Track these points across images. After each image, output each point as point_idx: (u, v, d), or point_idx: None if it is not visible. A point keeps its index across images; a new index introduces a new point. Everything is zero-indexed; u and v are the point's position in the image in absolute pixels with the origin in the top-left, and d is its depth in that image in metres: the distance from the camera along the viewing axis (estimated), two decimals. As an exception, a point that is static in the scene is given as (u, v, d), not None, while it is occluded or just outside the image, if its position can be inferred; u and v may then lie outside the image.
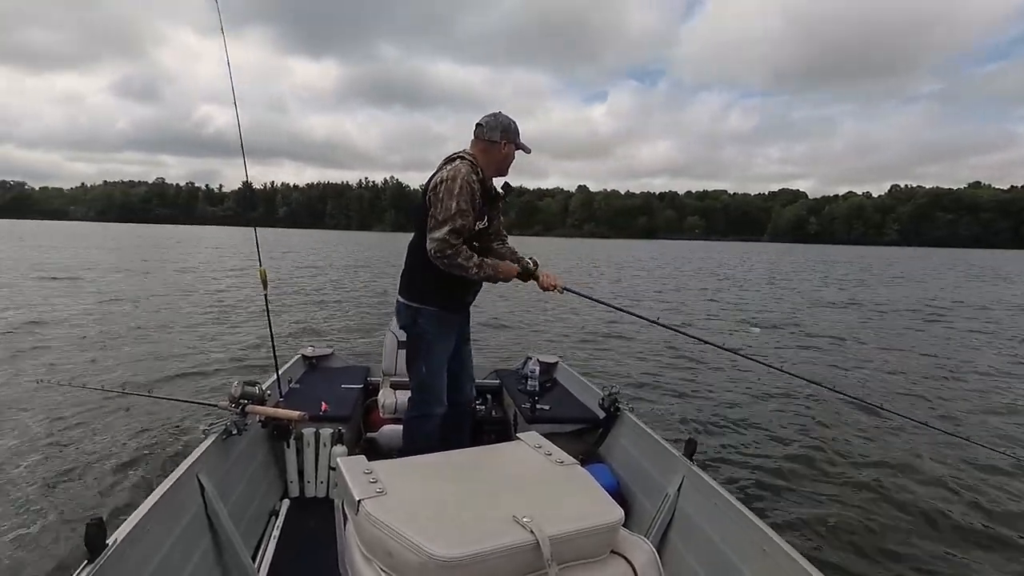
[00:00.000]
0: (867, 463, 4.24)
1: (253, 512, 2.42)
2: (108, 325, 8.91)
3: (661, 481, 2.38)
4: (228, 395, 2.39)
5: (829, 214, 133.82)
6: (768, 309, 13.54)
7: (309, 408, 2.57)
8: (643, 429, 2.70)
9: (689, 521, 2.14)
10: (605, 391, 3.03)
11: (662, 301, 14.98)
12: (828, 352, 8.56)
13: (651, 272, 26.77)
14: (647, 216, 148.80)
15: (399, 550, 1.12)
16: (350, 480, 1.31)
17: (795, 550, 1.63)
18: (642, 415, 2.93)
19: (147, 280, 16.09)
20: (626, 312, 2.94)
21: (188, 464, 1.97)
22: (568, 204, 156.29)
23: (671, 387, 6.21)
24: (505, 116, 2.45)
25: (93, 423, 4.60)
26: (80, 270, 18.20)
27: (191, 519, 1.89)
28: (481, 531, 1.16)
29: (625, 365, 7.26)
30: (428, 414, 2.56)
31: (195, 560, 1.85)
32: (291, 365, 3.64)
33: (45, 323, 8.82)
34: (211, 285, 15.22)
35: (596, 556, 1.24)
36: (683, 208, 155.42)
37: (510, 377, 3.76)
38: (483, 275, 2.40)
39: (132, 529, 1.54)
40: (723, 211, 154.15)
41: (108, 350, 7.31)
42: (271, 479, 2.73)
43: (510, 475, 1.43)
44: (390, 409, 3.20)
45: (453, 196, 2.26)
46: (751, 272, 28.33)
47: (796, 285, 20.98)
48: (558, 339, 8.95)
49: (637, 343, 8.61)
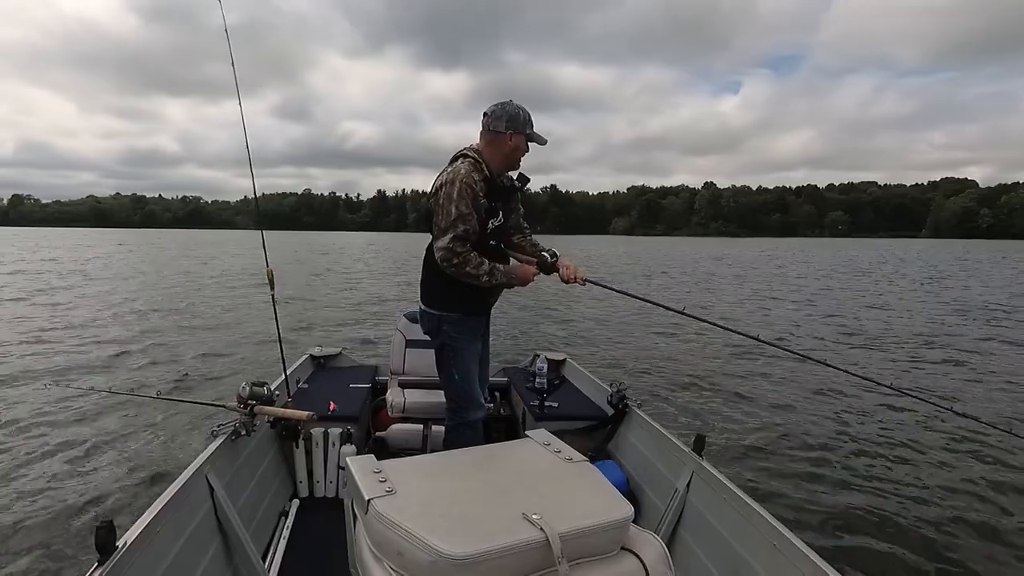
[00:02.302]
0: (879, 457, 4.21)
1: (262, 513, 2.43)
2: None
3: (670, 477, 2.37)
4: (236, 396, 2.40)
5: (1006, 205, 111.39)
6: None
7: (317, 408, 2.56)
8: (652, 425, 2.69)
9: (699, 516, 2.13)
10: (613, 388, 3.02)
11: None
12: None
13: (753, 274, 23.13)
14: (782, 212, 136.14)
15: (409, 549, 1.12)
16: (359, 479, 1.31)
17: (805, 544, 1.62)
18: (651, 411, 2.92)
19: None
20: (651, 303, 2.73)
21: (197, 465, 1.97)
22: (693, 202, 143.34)
23: (679, 383, 6.19)
24: (515, 105, 2.30)
25: (103, 425, 4.63)
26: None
27: (201, 520, 1.90)
28: (491, 529, 1.15)
29: (634, 361, 7.24)
30: (468, 421, 2.47)
31: (205, 561, 1.85)
32: (299, 365, 3.65)
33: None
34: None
35: (606, 552, 1.23)
36: (824, 203, 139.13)
37: (518, 375, 3.75)
38: (495, 282, 2.28)
39: (142, 531, 1.54)
40: (872, 205, 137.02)
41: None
42: (280, 479, 2.73)
43: (519, 473, 1.43)
44: (398, 408, 3.20)
45: (452, 201, 2.16)
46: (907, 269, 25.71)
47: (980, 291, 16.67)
48: (567, 335, 8.95)
49: (648, 339, 8.60)
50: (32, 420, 4.75)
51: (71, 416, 4.83)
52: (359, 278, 19.20)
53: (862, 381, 6.26)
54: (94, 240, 55.06)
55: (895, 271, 25.04)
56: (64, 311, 10.86)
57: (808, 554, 1.58)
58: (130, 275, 19.01)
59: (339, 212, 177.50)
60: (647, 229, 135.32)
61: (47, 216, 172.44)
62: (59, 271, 20.04)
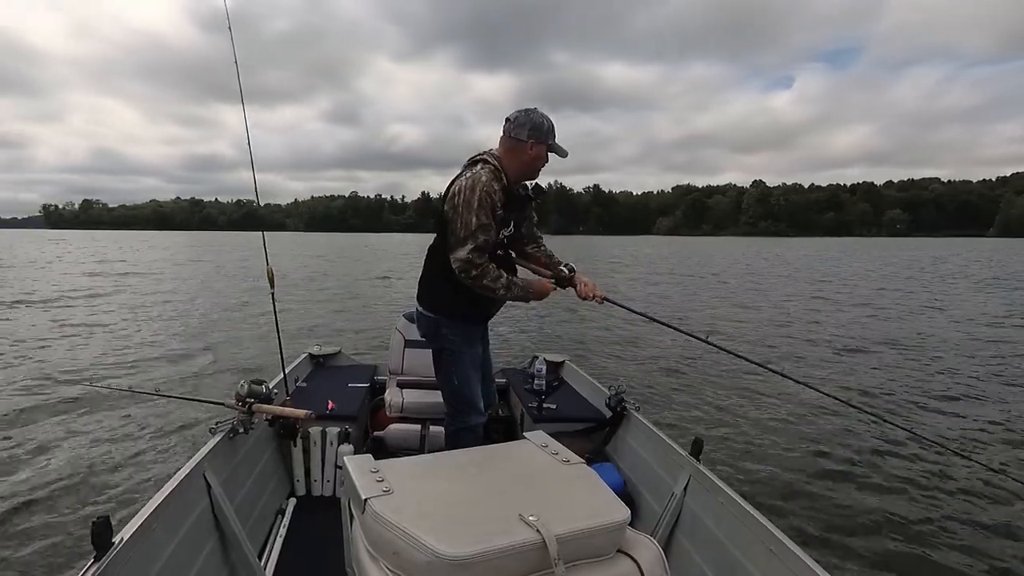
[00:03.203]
0: (875, 465, 4.21)
1: (260, 511, 2.43)
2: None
3: (668, 480, 2.37)
4: (235, 394, 2.40)
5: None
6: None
7: (316, 407, 2.56)
8: (650, 428, 2.68)
9: (695, 520, 2.13)
10: (612, 390, 3.02)
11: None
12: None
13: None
14: (835, 211, 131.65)
15: (406, 549, 1.12)
16: (356, 479, 1.31)
17: (802, 550, 1.62)
18: (649, 415, 2.91)
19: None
20: (673, 328, 2.57)
21: (195, 462, 1.97)
22: (741, 201, 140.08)
23: (678, 387, 6.19)
24: (539, 113, 2.21)
25: (101, 421, 4.63)
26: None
27: (197, 517, 1.90)
28: (488, 530, 1.15)
29: (633, 365, 7.24)
30: (467, 425, 2.42)
31: (201, 558, 1.85)
32: (298, 364, 3.65)
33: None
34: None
35: (603, 555, 1.23)
36: (881, 200, 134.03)
37: (517, 376, 3.75)
38: (512, 296, 2.24)
39: (138, 527, 1.54)
40: (933, 202, 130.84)
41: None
42: (278, 478, 2.73)
43: (517, 474, 1.43)
44: (397, 408, 3.20)
45: (472, 210, 2.08)
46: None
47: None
48: (566, 339, 8.95)
49: (648, 344, 8.59)
50: (30, 414, 4.75)
51: (69, 411, 4.83)
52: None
53: (864, 387, 6.27)
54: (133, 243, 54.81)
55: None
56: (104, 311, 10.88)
57: (804, 559, 1.58)
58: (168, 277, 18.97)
59: (384, 214, 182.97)
60: (692, 229, 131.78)
61: (114, 220, 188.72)
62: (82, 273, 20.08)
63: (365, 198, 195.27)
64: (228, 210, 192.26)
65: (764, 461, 4.19)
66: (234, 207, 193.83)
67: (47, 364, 6.63)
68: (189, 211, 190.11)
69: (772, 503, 3.53)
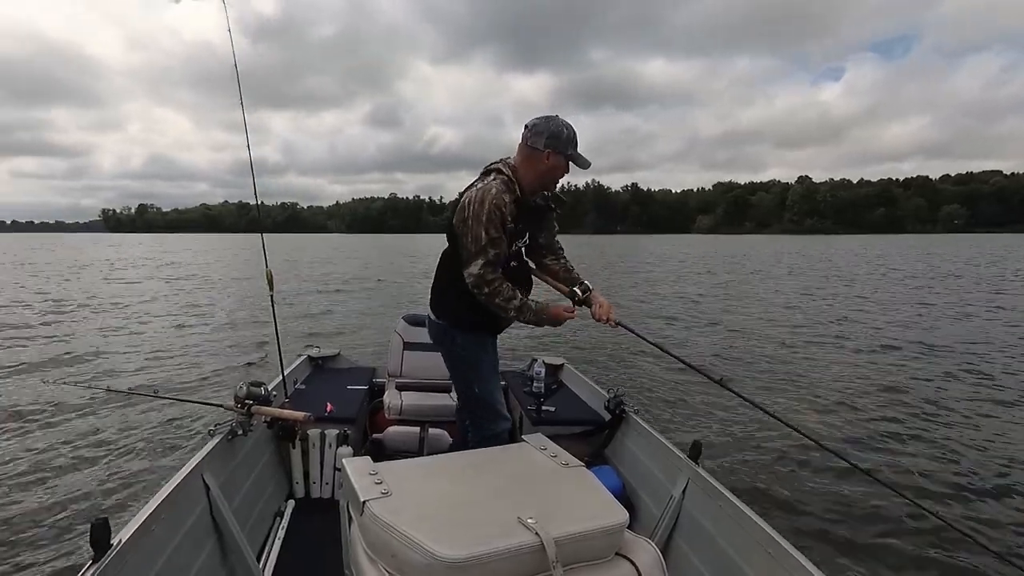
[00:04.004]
0: (873, 466, 4.20)
1: (258, 513, 2.43)
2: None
3: (666, 483, 2.37)
4: (234, 395, 2.40)
5: None
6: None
7: (315, 409, 2.56)
8: (648, 431, 2.69)
9: (694, 523, 2.13)
10: (611, 393, 3.02)
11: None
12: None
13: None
14: (887, 207, 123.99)
15: (404, 551, 1.12)
16: (355, 481, 1.31)
17: (800, 552, 1.62)
18: (647, 418, 2.92)
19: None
20: (685, 363, 2.39)
21: (193, 464, 1.97)
22: (786, 197, 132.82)
23: (677, 390, 6.19)
24: (559, 121, 2.12)
25: (101, 422, 4.63)
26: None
27: (196, 519, 1.90)
28: (486, 532, 1.15)
29: (632, 368, 7.24)
30: (494, 433, 2.35)
31: (200, 560, 1.85)
32: (297, 366, 3.65)
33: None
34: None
35: (601, 558, 1.23)
36: (937, 195, 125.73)
37: (515, 379, 3.75)
38: (524, 319, 2.16)
39: (137, 529, 1.54)
40: (994, 196, 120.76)
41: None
42: (276, 480, 2.73)
43: (515, 477, 1.43)
44: (395, 410, 3.19)
45: (482, 224, 2.03)
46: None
47: None
48: (564, 342, 8.93)
49: (647, 347, 8.54)
50: (29, 416, 4.75)
51: (68, 412, 4.83)
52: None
53: (864, 390, 6.26)
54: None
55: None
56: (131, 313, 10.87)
57: (803, 562, 1.58)
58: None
59: (423, 215, 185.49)
60: (733, 227, 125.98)
61: (168, 223, 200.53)
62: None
63: (404, 199, 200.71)
64: (273, 213, 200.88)
65: (763, 465, 4.18)
66: (279, 210, 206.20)
67: (47, 364, 6.62)
68: (237, 214, 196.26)
69: (771, 506, 3.53)
